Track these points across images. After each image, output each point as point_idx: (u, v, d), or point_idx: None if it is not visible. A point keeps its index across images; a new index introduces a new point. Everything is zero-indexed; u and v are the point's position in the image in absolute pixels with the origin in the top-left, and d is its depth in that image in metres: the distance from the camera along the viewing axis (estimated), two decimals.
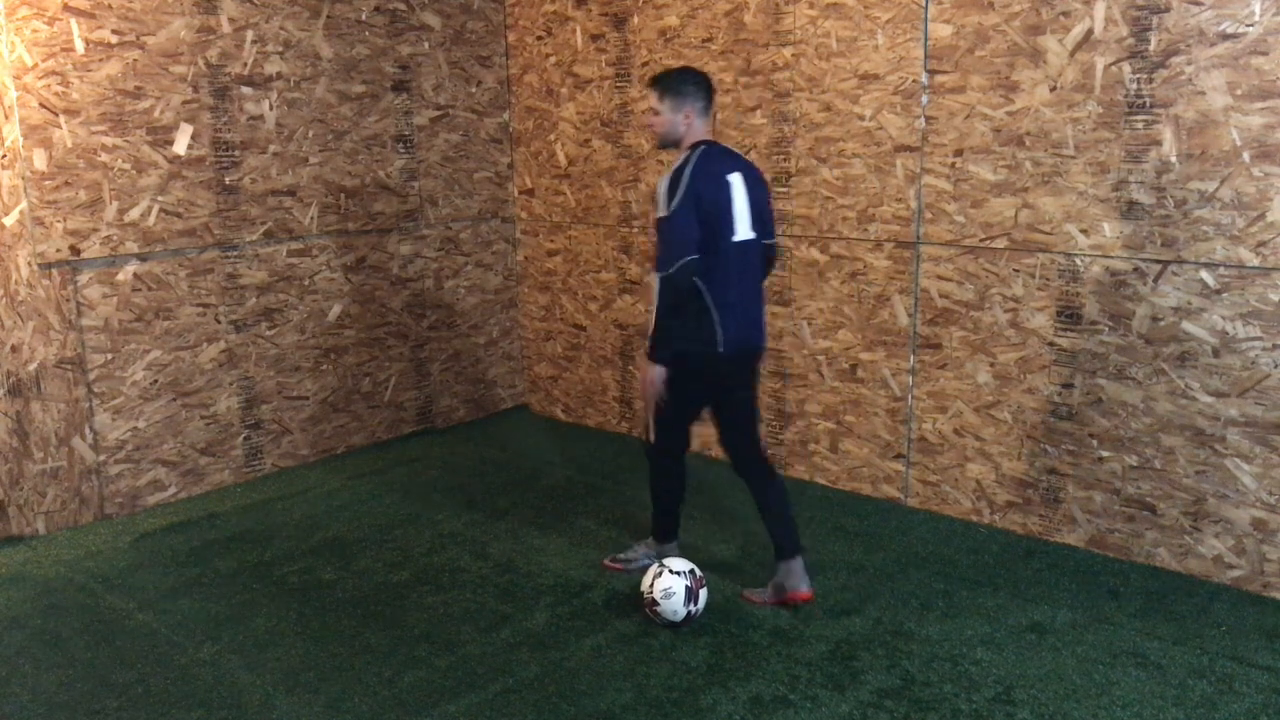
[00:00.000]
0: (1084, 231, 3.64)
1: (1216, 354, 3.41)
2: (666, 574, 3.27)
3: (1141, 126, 3.45)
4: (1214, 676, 2.97)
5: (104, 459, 4.29)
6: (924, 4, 3.88)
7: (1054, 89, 3.61)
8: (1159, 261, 3.49)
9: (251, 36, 4.48)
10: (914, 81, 3.96)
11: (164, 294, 4.37)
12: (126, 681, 3.05)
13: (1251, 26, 3.19)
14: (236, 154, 4.51)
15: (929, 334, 4.10)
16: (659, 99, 3.30)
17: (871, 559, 3.80)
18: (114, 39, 4.09)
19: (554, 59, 5.27)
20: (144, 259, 4.30)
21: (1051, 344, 3.78)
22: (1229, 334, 3.38)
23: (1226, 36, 3.24)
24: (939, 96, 3.91)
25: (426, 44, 5.15)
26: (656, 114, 3.32)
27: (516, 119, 5.57)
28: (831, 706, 2.85)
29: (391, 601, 3.53)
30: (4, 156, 3.88)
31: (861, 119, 4.13)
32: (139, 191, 4.23)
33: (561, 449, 5.19)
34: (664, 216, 3.17)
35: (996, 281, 3.88)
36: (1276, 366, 3.30)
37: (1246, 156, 3.26)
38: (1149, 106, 3.42)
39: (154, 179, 4.27)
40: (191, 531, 4.19)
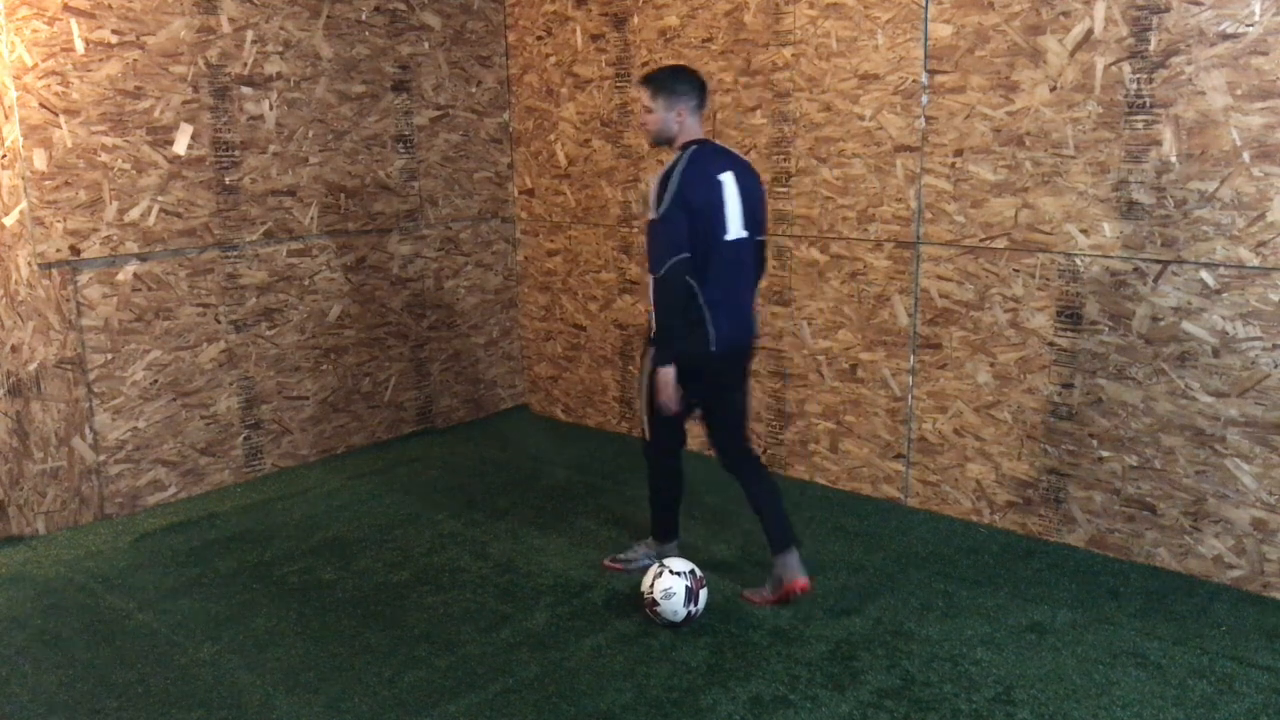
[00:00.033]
0: (1084, 231, 3.64)
1: (1216, 354, 3.41)
2: (667, 574, 3.27)
3: (1141, 126, 3.45)
4: (1214, 676, 2.97)
5: (104, 459, 4.29)
6: (924, 4, 3.88)
7: (1054, 89, 3.61)
8: (1159, 261, 3.49)
9: (251, 36, 4.48)
10: (914, 81, 3.96)
11: (164, 294, 4.37)
12: (126, 681, 3.05)
13: (1251, 26, 3.19)
14: (236, 154, 4.51)
15: (929, 334, 4.10)
16: (651, 97, 3.29)
17: (871, 559, 3.80)
18: (114, 39, 4.09)
19: (554, 59, 5.27)
20: (144, 259, 4.30)
21: (1051, 344, 3.78)
22: (1229, 334, 3.38)
23: (1226, 36, 3.24)
24: (939, 96, 3.91)
25: (426, 44, 5.15)
26: (650, 112, 3.31)
27: (516, 119, 5.57)
28: (831, 706, 2.85)
29: (391, 601, 3.53)
30: (4, 156, 3.88)
31: (861, 119, 4.13)
32: (139, 191, 4.23)
33: (561, 449, 5.19)
34: (654, 219, 3.18)
35: (996, 281, 3.88)
36: (1276, 366, 3.30)
37: (1246, 156, 3.26)
38: (1149, 106, 3.42)
39: (154, 179, 4.27)
40: (191, 531, 4.19)
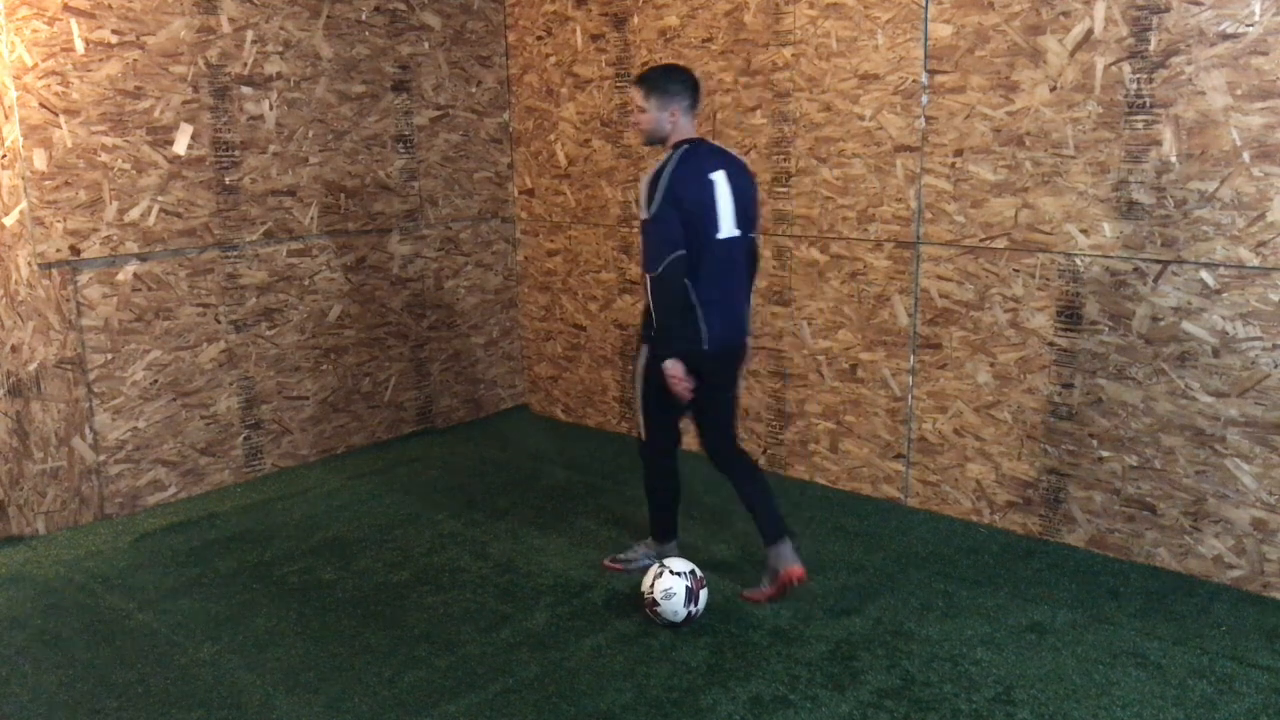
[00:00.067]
0: (1084, 231, 3.64)
1: (1216, 354, 3.41)
2: (667, 574, 3.27)
3: (1141, 126, 3.45)
4: (1214, 676, 2.97)
5: (104, 459, 4.29)
6: (924, 4, 3.88)
7: (1054, 89, 3.61)
8: (1159, 261, 3.49)
9: (251, 36, 4.48)
10: (914, 81, 3.96)
11: (164, 294, 4.37)
12: (126, 681, 3.05)
13: (1251, 26, 3.19)
14: (236, 154, 4.51)
15: (929, 334, 4.10)
16: (644, 97, 3.29)
17: (871, 559, 3.80)
18: (114, 39, 4.09)
19: (554, 59, 5.27)
20: (144, 259, 4.30)
21: (1051, 344, 3.78)
22: (1229, 334, 3.38)
23: (1226, 36, 3.24)
24: (939, 96, 3.91)
25: (426, 44, 5.15)
26: (643, 112, 3.31)
27: (516, 119, 5.57)
28: (831, 706, 2.85)
29: (391, 601, 3.53)
30: (4, 156, 3.88)
31: (861, 119, 4.13)
32: (139, 191, 4.23)
33: (561, 449, 5.19)
34: (646, 218, 3.19)
35: (996, 281, 3.88)
36: (1276, 366, 3.30)
37: (1246, 156, 3.26)
38: (1149, 106, 3.42)
39: (154, 179, 4.27)
40: (191, 531, 4.19)
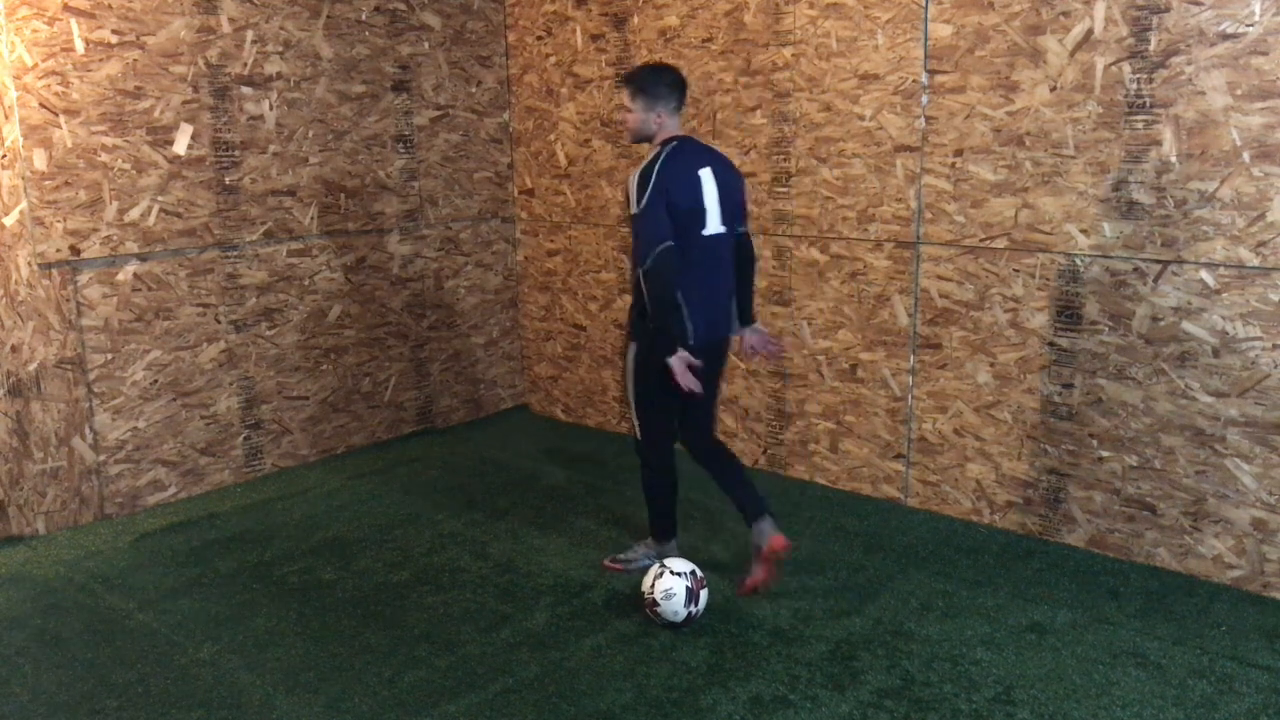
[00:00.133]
0: (1084, 231, 3.64)
1: (1216, 354, 3.41)
2: (667, 575, 3.27)
3: (1141, 126, 3.45)
4: (1214, 676, 2.97)
5: (104, 459, 4.29)
6: (924, 4, 3.88)
7: (1054, 89, 3.61)
8: (1159, 261, 3.49)
9: (251, 36, 4.48)
10: (914, 81, 3.95)
11: (164, 294, 4.37)
12: (126, 681, 3.05)
13: (1251, 26, 3.19)
14: (236, 154, 4.51)
15: (929, 334, 4.10)
16: (631, 98, 3.36)
17: (871, 559, 3.80)
18: (114, 39, 4.09)
19: (554, 59, 5.27)
20: (144, 259, 4.30)
21: (1051, 344, 3.78)
22: (1229, 334, 3.38)
23: (1226, 36, 3.24)
24: (939, 96, 3.91)
25: (426, 44, 5.15)
26: (629, 111, 3.38)
27: (516, 119, 5.57)
28: (831, 706, 2.85)
29: (391, 601, 3.53)
30: (4, 156, 3.88)
31: (861, 119, 4.13)
32: (139, 191, 4.23)
33: (562, 449, 5.19)
34: (635, 213, 3.24)
35: (996, 281, 3.88)
36: (1276, 366, 3.30)
37: (1246, 156, 3.26)
38: (1149, 106, 3.42)
39: (154, 179, 4.27)
40: (191, 531, 4.19)
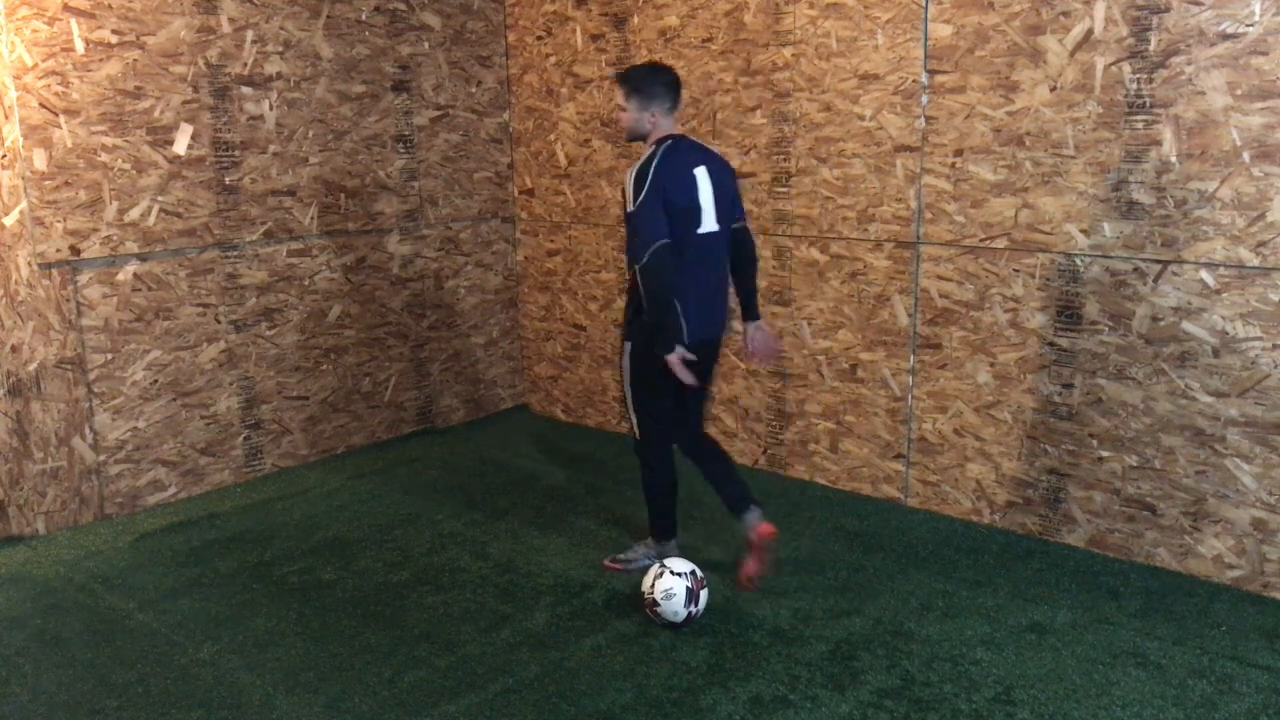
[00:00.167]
0: (1084, 231, 3.64)
1: (1216, 354, 3.41)
2: (667, 575, 3.27)
3: (1141, 126, 3.45)
4: (1214, 676, 2.97)
5: (104, 459, 4.29)
6: (924, 4, 3.87)
7: (1054, 89, 3.61)
8: (1159, 261, 3.49)
9: (251, 36, 4.48)
10: (914, 81, 3.95)
11: (164, 294, 4.37)
12: (126, 681, 3.05)
13: (1251, 26, 3.19)
14: (236, 154, 4.51)
15: (929, 334, 4.10)
16: (625, 97, 3.37)
17: (871, 559, 3.80)
18: (114, 39, 4.09)
19: (554, 59, 5.27)
20: (144, 259, 4.30)
21: (1051, 344, 3.78)
22: (1229, 334, 3.38)
23: (1226, 36, 3.24)
24: (939, 96, 3.91)
25: (426, 44, 5.15)
26: (623, 110, 3.39)
27: (516, 119, 5.57)
28: (831, 706, 2.85)
29: (391, 601, 3.53)
30: (4, 156, 3.88)
31: (861, 119, 4.13)
32: (139, 191, 4.23)
33: (561, 449, 5.19)
34: (632, 210, 3.24)
35: (996, 281, 3.88)
36: (1276, 366, 3.30)
37: (1246, 156, 3.26)
38: (1149, 106, 3.42)
39: (154, 179, 4.27)
40: (191, 531, 4.19)
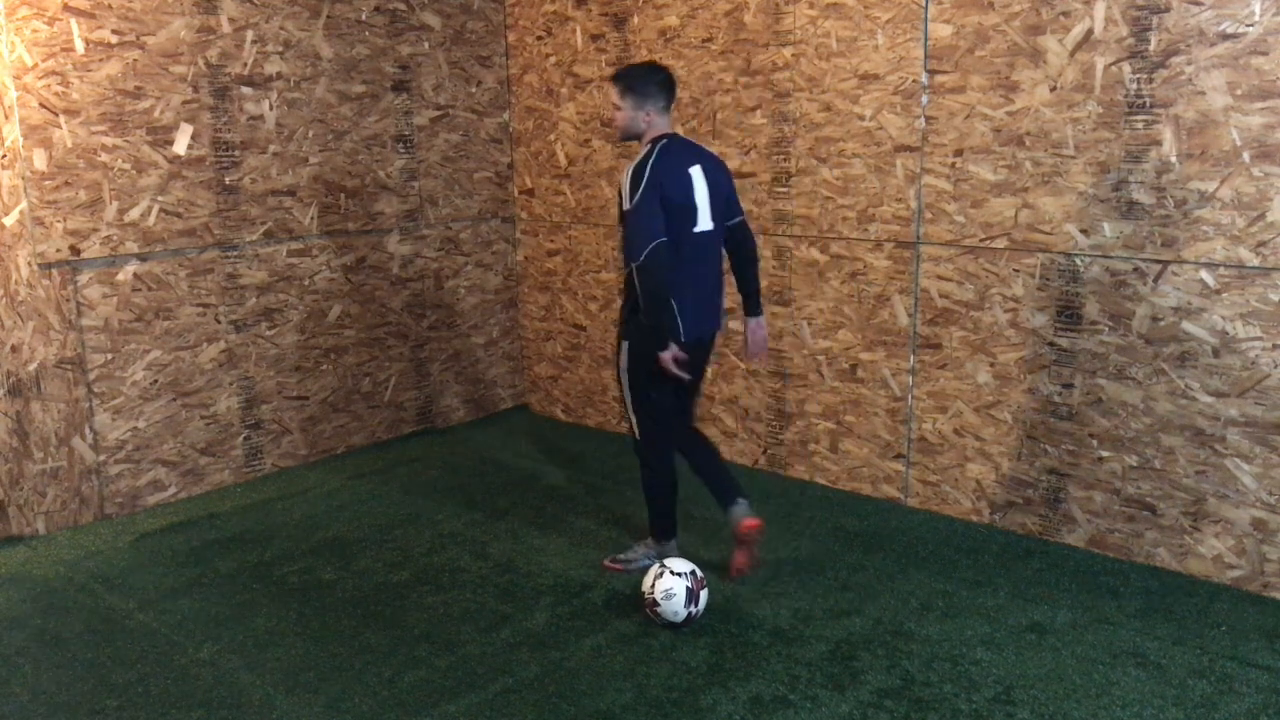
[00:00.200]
0: (1084, 231, 3.64)
1: (1216, 354, 3.41)
2: (668, 575, 3.27)
3: (1141, 126, 3.45)
4: (1214, 676, 2.97)
5: (104, 459, 4.29)
6: (924, 4, 3.87)
7: (1054, 89, 3.61)
8: (1159, 261, 3.49)
9: (251, 36, 4.48)
10: (914, 81, 3.95)
11: (164, 294, 4.37)
12: (126, 681, 3.05)
13: (1251, 26, 3.19)
14: (236, 154, 4.51)
15: (929, 334, 4.10)
16: (620, 96, 3.39)
17: (871, 559, 3.80)
18: (114, 39, 4.09)
19: (554, 59, 5.27)
20: (144, 259, 4.30)
21: (1051, 344, 3.78)
22: (1229, 334, 3.38)
23: (1226, 36, 3.24)
24: (939, 96, 3.91)
25: (426, 44, 5.15)
26: (618, 109, 3.41)
27: (516, 119, 5.57)
28: (831, 706, 2.85)
29: (391, 601, 3.53)
30: (4, 156, 3.88)
31: (861, 119, 4.13)
32: (139, 191, 4.23)
33: (562, 449, 5.19)
34: (629, 209, 3.26)
35: (996, 281, 3.88)
36: (1276, 366, 3.30)
37: (1246, 156, 3.26)
38: (1149, 106, 3.42)
39: (154, 179, 4.27)
40: (191, 531, 4.19)
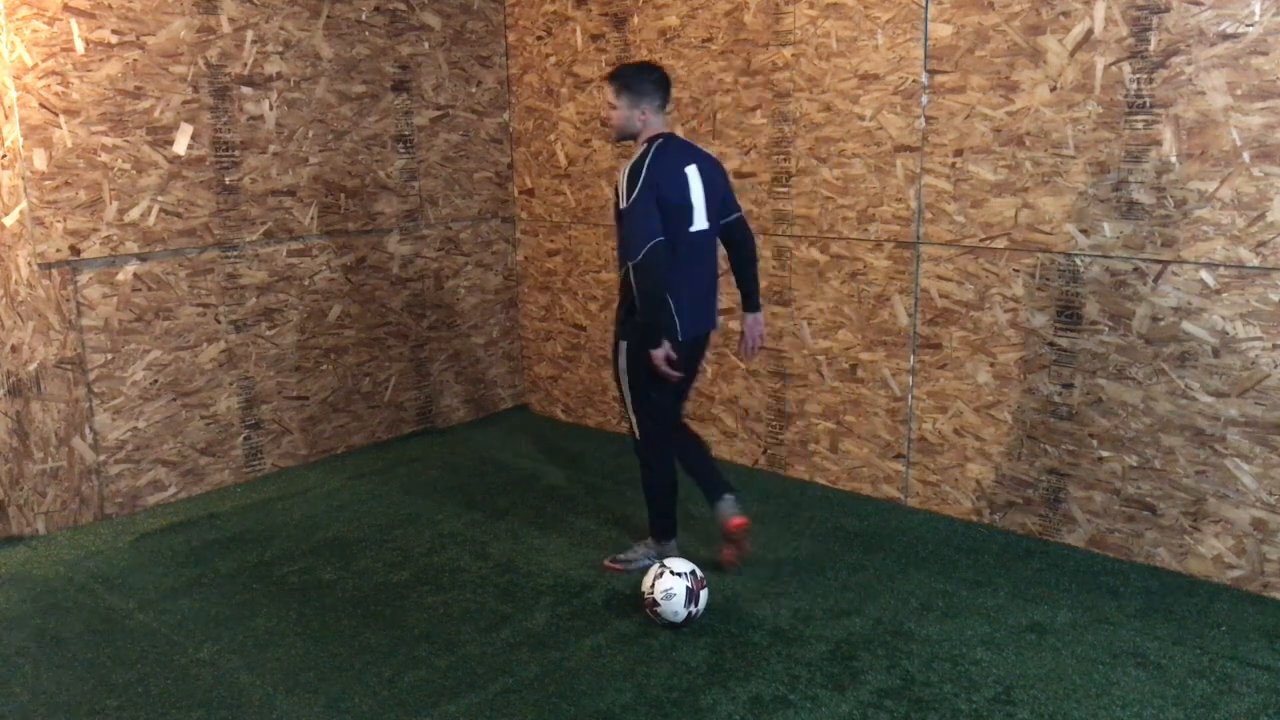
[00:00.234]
0: (1084, 231, 3.64)
1: (1216, 354, 3.41)
2: (667, 575, 3.27)
3: (1141, 126, 3.45)
4: (1214, 676, 2.97)
5: (104, 459, 4.29)
6: (924, 4, 3.87)
7: (1054, 89, 3.61)
8: (1159, 261, 3.49)
9: (251, 36, 4.48)
10: (914, 81, 3.95)
11: (164, 294, 4.37)
12: (126, 681, 3.05)
13: (1251, 26, 3.19)
14: (236, 154, 4.51)
15: (929, 334, 4.10)
16: (616, 95, 3.40)
17: (871, 559, 3.80)
18: (114, 39, 4.09)
19: (554, 59, 5.27)
20: (144, 259, 4.30)
21: (1051, 344, 3.78)
22: (1229, 334, 3.38)
23: (1226, 36, 3.24)
24: (939, 96, 3.91)
25: (426, 44, 5.15)
26: (613, 109, 3.42)
27: (516, 119, 5.57)
28: (831, 706, 2.85)
29: (391, 601, 3.53)
30: (4, 156, 3.88)
31: (861, 119, 4.13)
32: (139, 191, 4.23)
33: (562, 449, 5.19)
34: (626, 207, 3.26)
35: (996, 281, 3.88)
36: (1276, 366, 3.30)
37: (1246, 156, 3.26)
38: (1149, 106, 3.42)
39: (154, 179, 4.27)
40: (191, 531, 4.19)
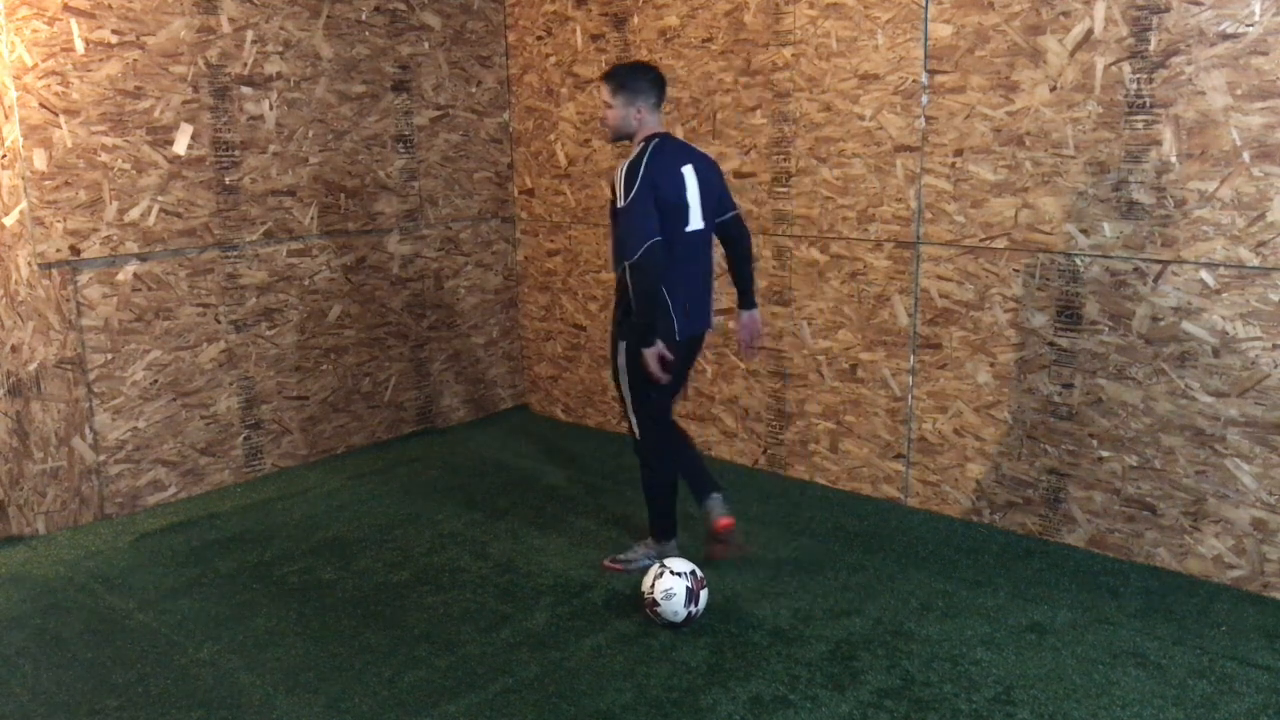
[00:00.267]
0: (1084, 231, 3.64)
1: (1216, 354, 3.41)
2: (667, 575, 3.27)
3: (1141, 126, 3.45)
4: (1214, 676, 2.96)
5: (104, 459, 4.29)
6: (924, 4, 3.87)
7: (1054, 89, 3.61)
8: (1159, 261, 3.49)
9: (251, 36, 4.48)
10: (914, 81, 3.95)
11: (164, 294, 4.37)
12: (126, 681, 3.05)
13: (1251, 26, 3.19)
14: (236, 154, 4.51)
15: (929, 334, 4.10)
16: (611, 94, 3.40)
17: (871, 559, 3.80)
18: (114, 39, 4.09)
19: (554, 59, 5.27)
20: (144, 259, 4.30)
21: (1051, 344, 3.78)
22: (1229, 334, 3.38)
23: (1226, 36, 3.24)
24: (939, 96, 3.91)
25: (426, 44, 5.15)
26: (609, 108, 3.42)
27: (516, 119, 5.57)
28: (831, 706, 2.85)
29: (391, 601, 3.53)
30: (4, 156, 3.88)
31: (861, 119, 4.13)
32: (139, 191, 4.23)
33: (562, 449, 5.19)
34: (623, 207, 3.27)
35: (996, 281, 3.88)
36: (1276, 366, 3.30)
37: (1246, 156, 3.26)
38: (1149, 106, 3.42)
39: (154, 179, 4.27)
40: (191, 531, 4.19)
